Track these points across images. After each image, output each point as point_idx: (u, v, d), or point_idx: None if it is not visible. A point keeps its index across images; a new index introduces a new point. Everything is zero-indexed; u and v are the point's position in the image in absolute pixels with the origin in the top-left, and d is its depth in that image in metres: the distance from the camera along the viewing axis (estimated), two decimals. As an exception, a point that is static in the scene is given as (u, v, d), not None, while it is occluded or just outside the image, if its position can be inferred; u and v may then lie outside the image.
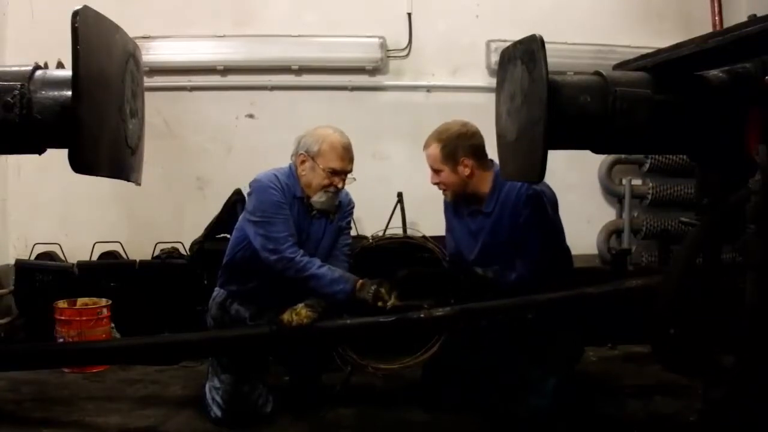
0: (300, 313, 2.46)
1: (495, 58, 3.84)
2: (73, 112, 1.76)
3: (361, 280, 2.54)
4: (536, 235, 2.51)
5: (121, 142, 2.03)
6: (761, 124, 1.76)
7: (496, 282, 2.55)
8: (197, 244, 3.59)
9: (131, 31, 2.14)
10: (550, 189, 2.59)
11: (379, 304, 2.48)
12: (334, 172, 2.59)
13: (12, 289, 3.74)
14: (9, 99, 1.82)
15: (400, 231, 3.45)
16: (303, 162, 2.62)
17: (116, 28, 2.00)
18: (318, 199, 2.63)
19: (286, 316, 2.47)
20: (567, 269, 2.69)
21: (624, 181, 4.09)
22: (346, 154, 2.62)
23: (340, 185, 2.63)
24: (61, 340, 3.26)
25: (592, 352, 3.47)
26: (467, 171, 2.59)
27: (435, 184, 2.68)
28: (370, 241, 3.34)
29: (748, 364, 1.76)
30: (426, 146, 2.67)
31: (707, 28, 3.63)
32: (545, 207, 2.53)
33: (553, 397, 2.44)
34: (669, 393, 2.84)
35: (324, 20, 3.96)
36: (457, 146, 2.58)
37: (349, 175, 2.66)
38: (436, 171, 2.64)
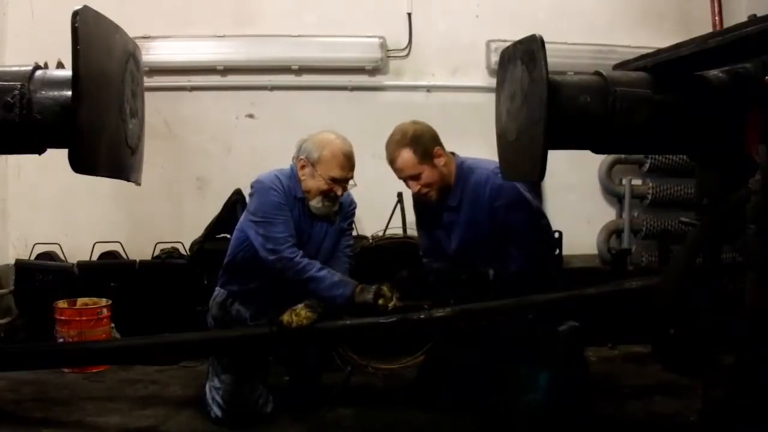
0: (300, 314, 2.46)
1: (495, 58, 3.84)
2: (73, 112, 1.76)
3: (360, 285, 2.53)
4: (522, 222, 2.53)
5: (121, 142, 2.03)
6: (761, 124, 1.76)
7: (498, 278, 2.55)
8: (197, 244, 3.59)
9: (131, 31, 2.14)
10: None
11: (381, 302, 2.48)
12: (333, 180, 2.59)
13: (12, 289, 3.74)
14: (9, 99, 1.82)
15: (400, 231, 3.46)
16: (303, 167, 2.62)
17: (116, 28, 2.00)
18: (316, 204, 2.63)
19: (285, 317, 2.47)
20: (552, 244, 2.69)
21: (624, 181, 4.09)
22: (347, 162, 2.61)
23: (339, 192, 2.62)
24: (61, 340, 3.26)
25: (592, 352, 3.47)
26: (443, 160, 2.59)
27: (416, 191, 2.64)
28: (370, 241, 3.34)
29: (748, 364, 1.76)
30: (393, 159, 2.62)
31: (707, 28, 3.63)
32: (521, 194, 2.54)
33: (546, 393, 2.43)
34: (669, 393, 2.84)
35: (324, 20, 3.96)
36: (425, 142, 2.58)
37: (349, 182, 2.65)
38: (415, 177, 2.61)
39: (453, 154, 2.67)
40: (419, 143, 2.57)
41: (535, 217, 2.61)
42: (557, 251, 2.91)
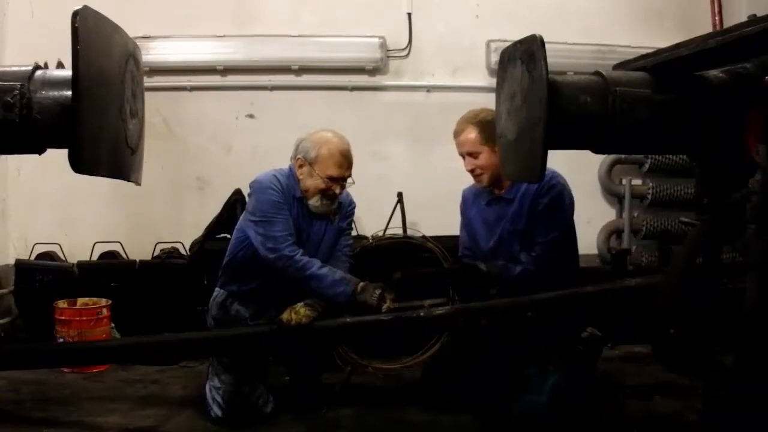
0: (299, 312, 2.45)
1: (495, 58, 3.84)
2: (73, 112, 1.76)
3: (362, 283, 2.53)
4: (549, 226, 2.53)
5: (121, 142, 2.03)
6: (761, 124, 1.76)
7: (500, 277, 2.55)
8: (197, 244, 3.59)
9: (131, 31, 2.14)
10: (570, 190, 2.61)
11: (384, 308, 2.47)
12: (331, 179, 2.58)
13: (12, 289, 3.75)
14: (9, 99, 1.82)
15: (400, 231, 3.45)
16: (301, 166, 2.62)
17: (116, 28, 2.00)
18: (314, 203, 2.62)
19: (285, 315, 2.46)
20: (571, 270, 2.67)
21: (624, 181, 4.09)
22: (344, 161, 2.60)
23: (337, 191, 2.62)
24: (61, 340, 3.26)
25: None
26: None
27: (470, 170, 2.66)
28: (370, 241, 3.34)
29: (748, 364, 1.76)
30: (459, 133, 2.64)
31: (707, 28, 3.63)
32: (563, 201, 2.55)
33: (551, 395, 2.43)
34: (669, 393, 2.84)
35: (324, 20, 3.97)
36: (492, 127, 2.57)
37: (348, 180, 2.65)
38: (472, 155, 2.62)
39: None
40: (486, 126, 2.58)
41: (562, 234, 2.58)
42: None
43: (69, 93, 1.77)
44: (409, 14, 3.98)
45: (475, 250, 2.75)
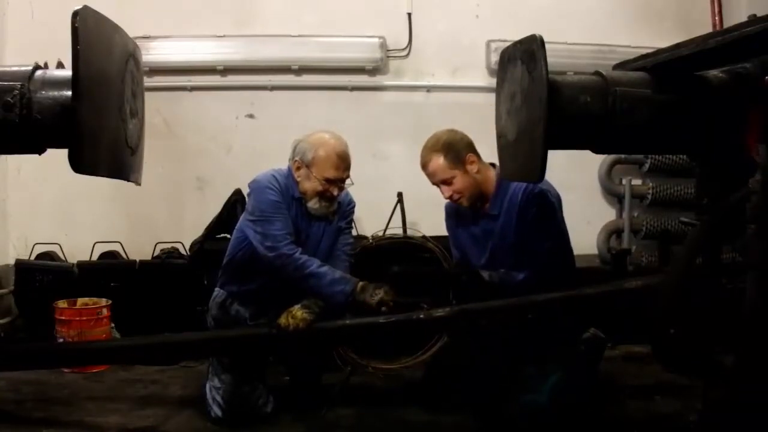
0: (296, 316, 2.44)
1: (495, 58, 3.84)
2: (73, 112, 1.76)
3: (361, 283, 2.52)
4: (544, 235, 2.50)
5: (121, 142, 2.03)
6: (761, 124, 1.76)
7: (502, 286, 2.53)
8: (197, 244, 3.59)
9: (131, 31, 2.14)
10: (554, 189, 2.58)
11: (384, 309, 2.46)
12: (328, 181, 2.58)
13: (12, 289, 3.75)
14: (9, 99, 1.82)
15: (400, 231, 3.45)
16: (298, 168, 2.61)
17: (116, 28, 2.00)
18: (313, 205, 2.62)
19: (282, 320, 2.45)
20: (570, 272, 2.67)
21: (624, 181, 4.09)
22: (341, 162, 2.58)
23: (335, 192, 2.61)
24: (61, 340, 3.26)
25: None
26: (476, 167, 2.56)
27: (448, 197, 2.62)
28: (370, 241, 3.34)
29: (748, 364, 1.76)
30: (425, 164, 2.60)
31: (707, 28, 3.63)
32: (552, 206, 2.53)
33: (551, 395, 2.43)
34: (669, 393, 2.84)
35: (324, 20, 3.97)
36: (457, 148, 2.56)
37: (346, 181, 2.64)
38: (446, 182, 2.58)
39: (493, 165, 2.61)
40: (451, 149, 2.55)
41: (556, 239, 2.56)
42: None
43: (69, 93, 1.78)
44: (409, 14, 3.98)
45: (469, 265, 2.73)
